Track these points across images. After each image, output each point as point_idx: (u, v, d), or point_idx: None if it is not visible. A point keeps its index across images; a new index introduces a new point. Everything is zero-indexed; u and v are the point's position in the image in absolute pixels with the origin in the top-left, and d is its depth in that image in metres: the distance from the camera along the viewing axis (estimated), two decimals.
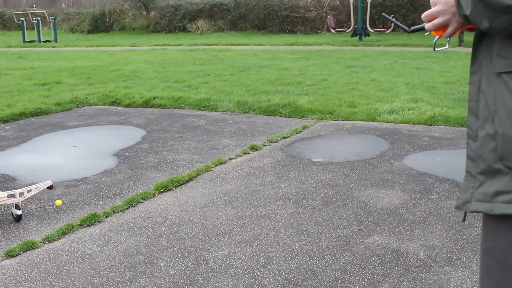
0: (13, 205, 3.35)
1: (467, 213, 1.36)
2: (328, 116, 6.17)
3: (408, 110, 6.12)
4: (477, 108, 1.30)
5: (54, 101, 7.28)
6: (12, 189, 3.66)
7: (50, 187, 3.60)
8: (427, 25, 1.36)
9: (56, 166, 4.54)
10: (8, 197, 3.35)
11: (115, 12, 26.21)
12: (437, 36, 1.40)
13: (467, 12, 1.23)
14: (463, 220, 1.47)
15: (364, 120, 5.96)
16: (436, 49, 1.74)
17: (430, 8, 1.35)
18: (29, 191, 3.44)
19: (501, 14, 1.17)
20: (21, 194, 3.40)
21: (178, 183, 3.99)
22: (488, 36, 1.28)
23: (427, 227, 3.14)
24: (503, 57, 1.23)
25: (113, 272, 2.70)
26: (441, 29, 1.34)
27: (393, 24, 16.20)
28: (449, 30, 1.33)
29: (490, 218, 1.31)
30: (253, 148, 4.89)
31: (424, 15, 1.36)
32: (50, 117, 6.63)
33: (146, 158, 4.73)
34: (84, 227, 3.28)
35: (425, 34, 1.49)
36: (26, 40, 20.80)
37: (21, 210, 3.38)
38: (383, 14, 1.78)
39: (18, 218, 3.37)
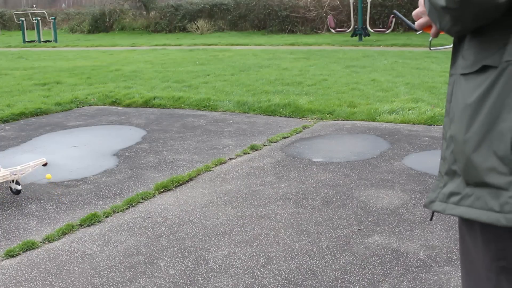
0: (13, 181, 3.73)
1: (434, 212, 1.37)
2: (328, 116, 6.17)
3: (408, 110, 6.12)
4: (449, 110, 1.30)
5: (54, 101, 7.28)
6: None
7: (45, 165, 4.05)
8: (415, 24, 1.37)
9: (56, 166, 4.55)
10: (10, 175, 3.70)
11: (115, 12, 26.22)
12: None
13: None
14: (431, 219, 1.48)
15: (364, 120, 5.96)
16: (432, 48, 1.75)
17: None
18: (26, 168, 3.85)
19: (442, 15, 1.17)
20: (20, 171, 3.79)
21: (178, 183, 3.99)
22: (461, 37, 1.27)
23: (427, 227, 3.14)
24: (465, 58, 1.23)
25: (113, 272, 2.70)
26: (429, 28, 1.35)
27: (393, 24, 16.22)
28: (433, 29, 1.33)
29: (460, 221, 1.32)
30: (253, 148, 4.89)
31: (413, 14, 1.37)
32: (50, 117, 6.63)
33: (146, 158, 4.73)
34: (84, 227, 3.28)
35: (417, 32, 1.51)
36: (26, 40, 20.81)
37: (20, 185, 3.75)
38: (394, 11, 1.78)
39: (17, 192, 3.74)
